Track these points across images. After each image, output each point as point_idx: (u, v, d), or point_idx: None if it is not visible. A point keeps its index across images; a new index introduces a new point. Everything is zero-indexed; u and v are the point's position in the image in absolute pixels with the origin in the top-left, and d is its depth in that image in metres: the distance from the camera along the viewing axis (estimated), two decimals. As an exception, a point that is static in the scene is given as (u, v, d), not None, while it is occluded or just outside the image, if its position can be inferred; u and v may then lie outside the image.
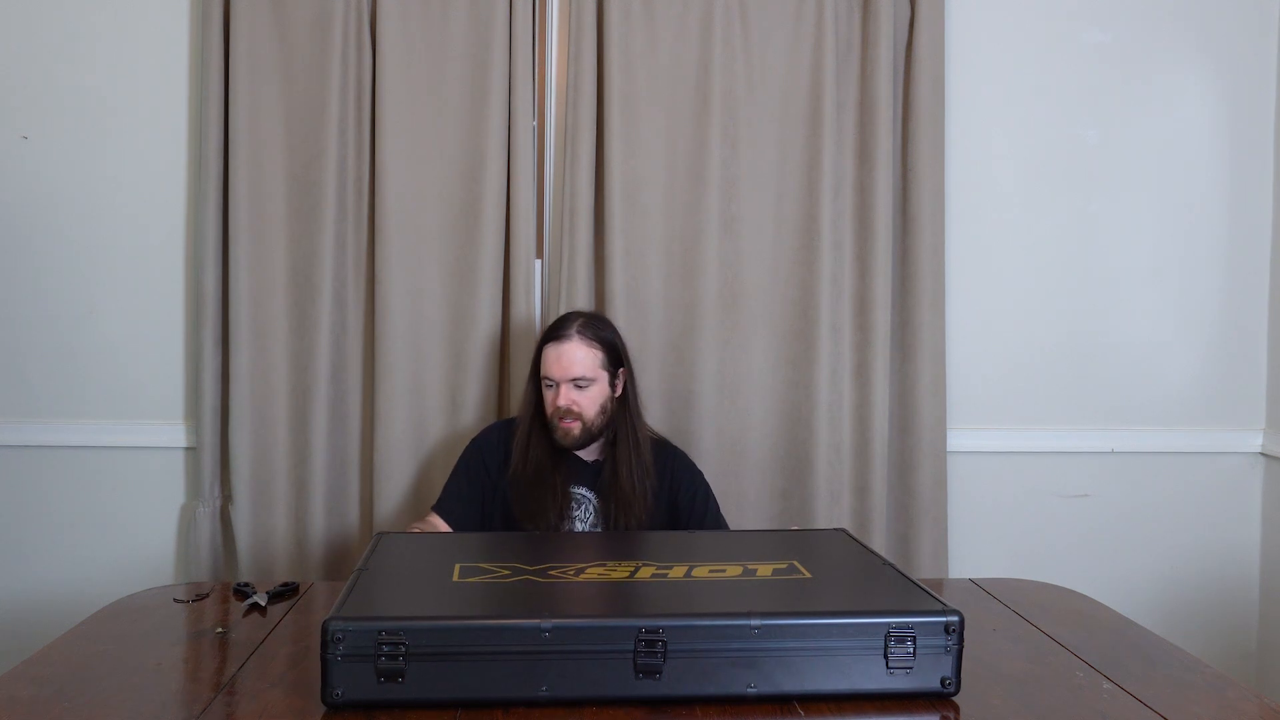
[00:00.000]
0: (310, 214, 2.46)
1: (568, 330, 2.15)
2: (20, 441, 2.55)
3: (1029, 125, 2.62)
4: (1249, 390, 2.68)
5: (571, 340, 2.13)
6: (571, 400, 2.11)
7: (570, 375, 2.12)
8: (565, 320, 2.18)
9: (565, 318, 2.20)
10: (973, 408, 2.63)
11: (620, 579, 1.53)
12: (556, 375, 2.12)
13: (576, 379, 2.12)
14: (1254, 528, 2.70)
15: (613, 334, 2.21)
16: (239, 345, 2.46)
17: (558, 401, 2.12)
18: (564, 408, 2.11)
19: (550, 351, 2.14)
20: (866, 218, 2.52)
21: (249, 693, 1.37)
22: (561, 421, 2.12)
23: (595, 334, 2.16)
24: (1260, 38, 2.64)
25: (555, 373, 2.12)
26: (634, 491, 2.14)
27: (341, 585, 1.51)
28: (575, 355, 2.12)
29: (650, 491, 2.16)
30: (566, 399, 2.11)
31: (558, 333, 2.15)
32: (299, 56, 2.45)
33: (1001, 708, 1.35)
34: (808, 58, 2.50)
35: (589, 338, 2.15)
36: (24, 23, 2.50)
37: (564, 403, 2.11)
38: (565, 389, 2.12)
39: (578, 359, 2.12)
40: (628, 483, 2.14)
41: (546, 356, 2.14)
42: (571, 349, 2.12)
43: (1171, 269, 2.66)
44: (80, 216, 2.53)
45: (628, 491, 2.13)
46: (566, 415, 2.12)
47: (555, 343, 2.14)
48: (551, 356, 2.13)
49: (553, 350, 2.14)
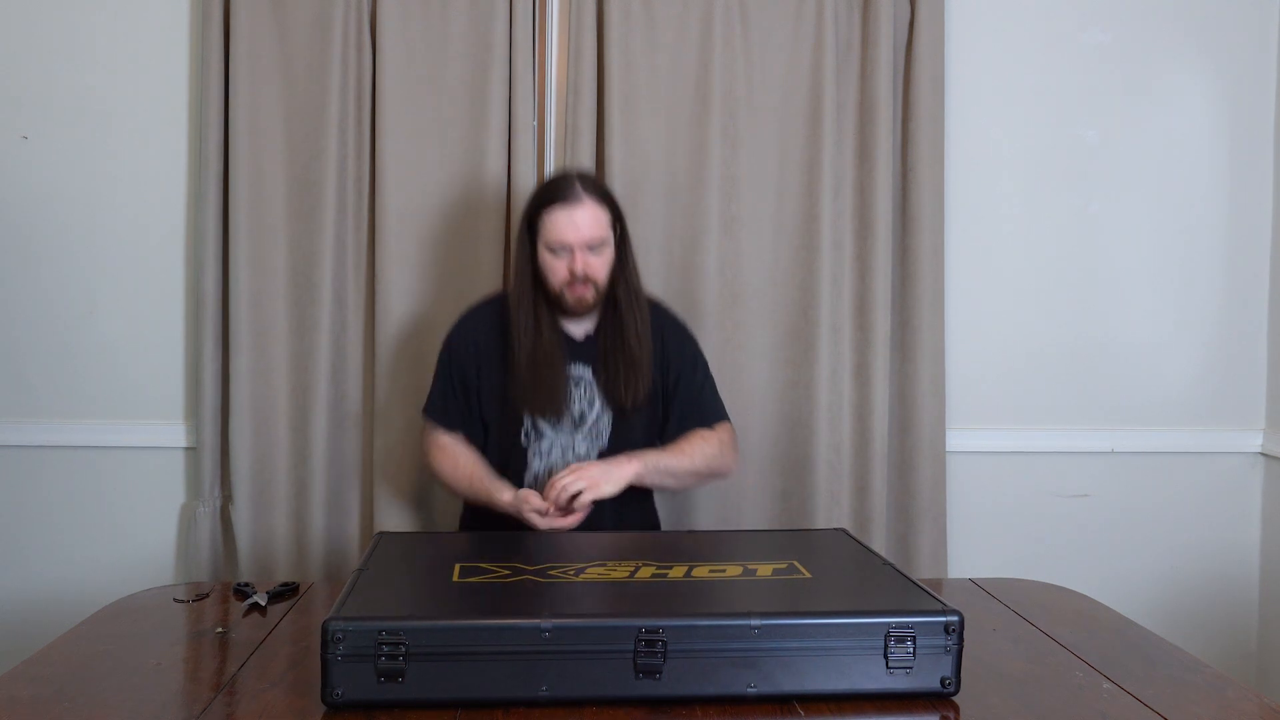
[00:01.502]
0: (310, 214, 2.46)
1: (574, 190, 1.97)
2: (20, 441, 2.55)
3: (1029, 125, 2.62)
4: (1249, 390, 2.68)
5: (583, 201, 1.96)
6: (588, 264, 1.96)
7: (587, 239, 1.95)
8: (566, 180, 2.00)
9: (564, 178, 2.02)
10: (973, 408, 2.63)
11: (620, 579, 1.53)
12: (572, 240, 1.95)
13: (592, 242, 1.96)
14: (1254, 528, 2.70)
15: (608, 188, 2.06)
16: (239, 345, 2.46)
17: (574, 267, 1.96)
18: (583, 274, 1.96)
19: (560, 215, 1.95)
20: (866, 218, 2.52)
21: (249, 693, 1.37)
22: (573, 289, 1.97)
23: (600, 191, 2.01)
24: (1260, 38, 2.64)
25: (570, 237, 1.95)
26: (641, 355, 2.00)
27: (341, 585, 1.51)
28: (589, 216, 1.96)
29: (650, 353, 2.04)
30: (584, 264, 1.95)
31: (564, 194, 1.97)
32: (299, 56, 2.45)
33: (1001, 708, 1.35)
34: (808, 58, 2.50)
35: (597, 196, 1.99)
36: (24, 23, 2.49)
37: (583, 268, 1.95)
38: (582, 254, 1.95)
39: (592, 220, 1.96)
40: (635, 346, 2.00)
41: (556, 221, 1.96)
42: (585, 210, 1.96)
43: (1171, 269, 2.66)
44: (80, 216, 2.53)
45: (635, 355, 2.00)
46: (583, 281, 1.96)
47: (565, 205, 1.96)
48: (562, 220, 1.95)
49: (563, 213, 1.95)
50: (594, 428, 2.06)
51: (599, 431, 2.07)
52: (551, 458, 2.05)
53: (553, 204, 1.97)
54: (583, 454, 2.05)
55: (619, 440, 2.05)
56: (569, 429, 2.05)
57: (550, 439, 2.05)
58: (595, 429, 2.06)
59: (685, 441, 2.07)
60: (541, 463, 2.06)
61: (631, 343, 2.01)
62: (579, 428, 2.06)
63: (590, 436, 2.06)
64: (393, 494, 2.47)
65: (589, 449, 2.06)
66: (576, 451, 2.05)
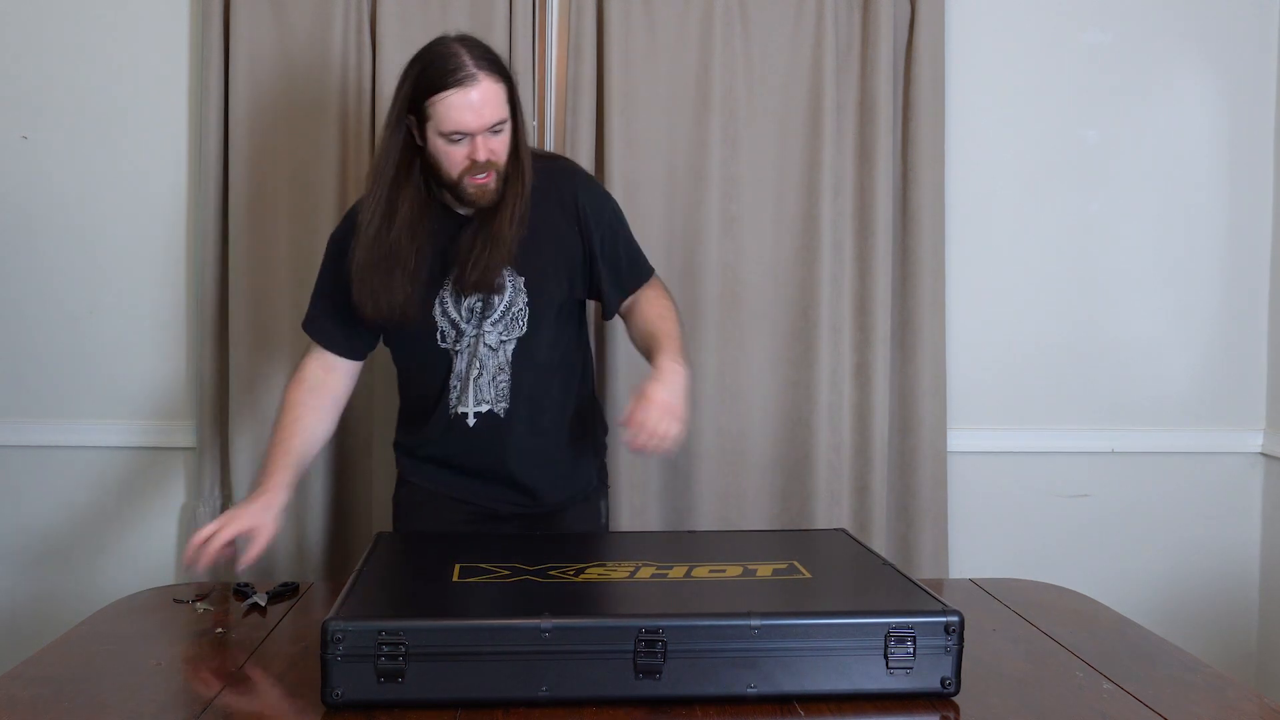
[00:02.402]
0: (310, 214, 2.46)
1: (468, 67, 1.71)
2: (20, 441, 2.55)
3: (1029, 125, 2.62)
4: (1249, 390, 2.68)
5: (479, 80, 1.71)
6: (490, 150, 1.74)
7: (488, 123, 1.73)
8: (451, 53, 1.73)
9: (450, 52, 1.74)
10: (973, 408, 2.63)
11: (620, 579, 1.53)
12: (473, 125, 1.72)
13: (495, 125, 1.74)
14: (1254, 528, 2.70)
15: (495, 52, 1.79)
16: (240, 345, 2.46)
17: (475, 156, 1.73)
18: (485, 161, 1.74)
19: (457, 99, 1.70)
20: (866, 218, 2.52)
21: (249, 693, 1.37)
22: (476, 178, 1.75)
23: (496, 64, 1.75)
24: (1260, 38, 2.64)
25: (471, 123, 1.71)
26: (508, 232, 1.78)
27: (341, 585, 1.51)
28: (489, 97, 1.72)
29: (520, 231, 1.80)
30: (486, 150, 1.74)
31: (456, 72, 1.71)
32: (299, 56, 2.45)
33: (1001, 708, 1.35)
34: (808, 58, 2.50)
35: (491, 70, 1.73)
36: (24, 23, 2.50)
37: (485, 155, 1.74)
38: (483, 140, 1.73)
39: (492, 100, 1.72)
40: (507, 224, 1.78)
41: (452, 105, 1.71)
42: (483, 91, 1.71)
43: (1171, 269, 2.66)
44: (81, 216, 2.52)
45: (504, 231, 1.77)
46: (485, 169, 1.75)
47: (460, 88, 1.70)
48: (460, 104, 1.70)
49: (460, 97, 1.70)
50: (506, 315, 1.87)
51: (514, 318, 1.88)
52: (465, 355, 1.88)
53: (445, 87, 1.71)
54: (494, 344, 1.87)
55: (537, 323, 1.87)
56: (477, 319, 1.86)
57: (467, 333, 1.87)
58: (509, 316, 1.87)
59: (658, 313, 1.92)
60: (459, 361, 1.88)
61: (504, 223, 1.78)
62: (487, 315, 1.86)
63: (504, 324, 1.88)
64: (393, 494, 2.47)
65: (501, 339, 1.88)
66: (487, 341, 1.87)
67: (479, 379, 1.89)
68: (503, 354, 1.89)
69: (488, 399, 1.89)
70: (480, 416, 1.90)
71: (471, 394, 1.89)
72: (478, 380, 1.89)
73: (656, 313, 1.94)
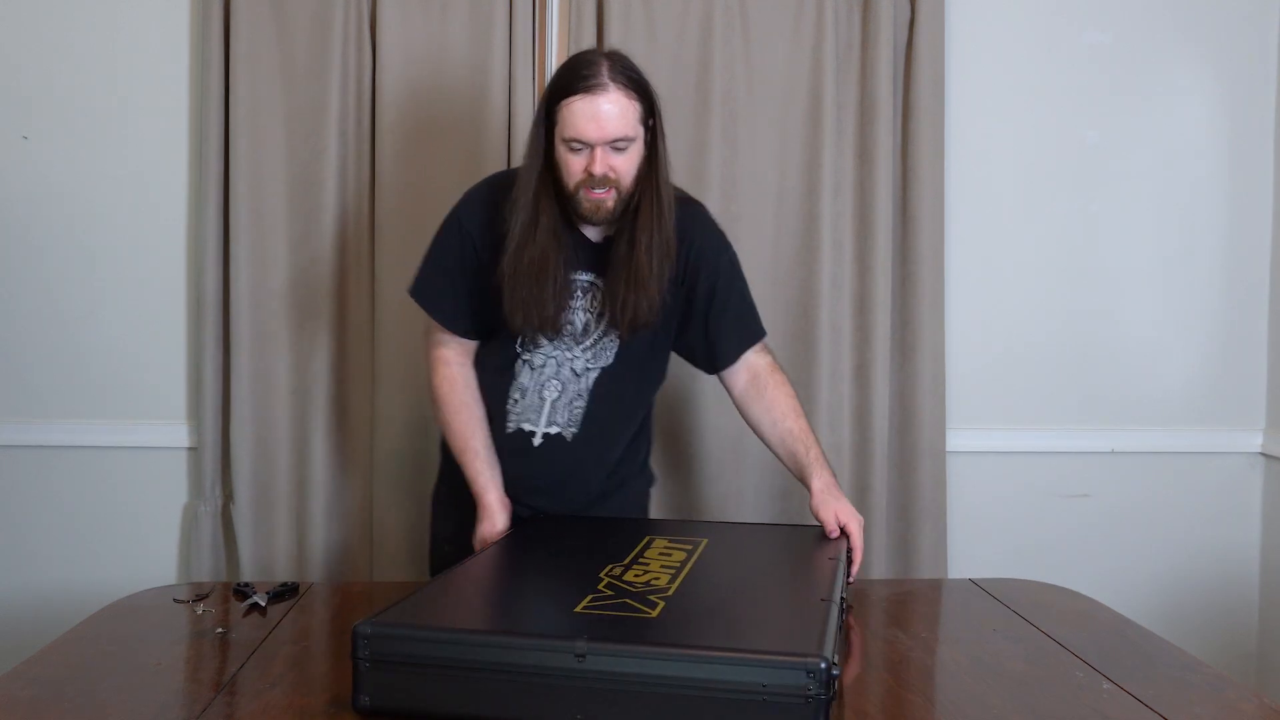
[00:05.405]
0: (310, 214, 2.46)
1: (600, 76, 1.66)
2: (20, 441, 2.55)
3: (1029, 125, 2.62)
4: (1249, 390, 2.68)
5: (609, 91, 1.65)
6: (610, 166, 1.68)
7: (610, 136, 1.66)
8: (590, 63, 1.68)
9: (589, 59, 1.69)
10: (972, 408, 2.63)
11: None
12: (593, 136, 1.66)
13: (616, 140, 1.67)
14: (1254, 528, 2.70)
15: (642, 73, 1.72)
16: (240, 345, 2.46)
17: (593, 169, 1.67)
18: (601, 176, 1.68)
19: (582, 106, 1.65)
20: (866, 218, 2.52)
21: (249, 693, 1.37)
22: (592, 193, 1.69)
23: (632, 78, 1.69)
24: (1260, 38, 2.64)
25: (591, 133, 1.65)
26: (651, 270, 1.73)
27: (339, 585, 1.50)
28: (615, 110, 1.65)
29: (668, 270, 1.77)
30: (605, 165, 1.67)
31: (587, 79, 1.66)
32: (299, 56, 2.45)
33: (1001, 708, 1.35)
34: (808, 58, 2.50)
35: (626, 85, 1.67)
36: (24, 23, 2.50)
37: (602, 170, 1.67)
38: (602, 153, 1.67)
39: (618, 114, 1.66)
40: (646, 262, 1.72)
41: (576, 112, 1.66)
42: (611, 102, 1.65)
43: (1171, 269, 2.66)
44: (81, 216, 2.53)
45: (644, 273, 1.73)
46: (602, 184, 1.69)
47: (587, 95, 1.65)
48: (584, 112, 1.65)
49: (585, 104, 1.65)
50: (598, 344, 1.83)
51: (604, 348, 1.83)
52: (545, 372, 1.83)
53: (572, 92, 1.66)
54: (579, 370, 1.82)
55: (626, 358, 1.83)
56: (568, 342, 1.82)
57: (546, 351, 1.82)
58: (600, 345, 1.83)
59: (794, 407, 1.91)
60: (532, 378, 1.83)
61: (641, 258, 1.73)
62: (580, 341, 1.82)
63: (593, 352, 1.83)
64: (393, 494, 2.47)
65: (586, 366, 1.83)
66: (574, 368, 1.82)
67: (557, 400, 1.83)
68: (585, 380, 1.83)
69: (559, 422, 1.84)
70: (548, 438, 1.84)
71: (545, 414, 1.83)
72: (555, 402, 1.83)
73: (793, 407, 1.91)
